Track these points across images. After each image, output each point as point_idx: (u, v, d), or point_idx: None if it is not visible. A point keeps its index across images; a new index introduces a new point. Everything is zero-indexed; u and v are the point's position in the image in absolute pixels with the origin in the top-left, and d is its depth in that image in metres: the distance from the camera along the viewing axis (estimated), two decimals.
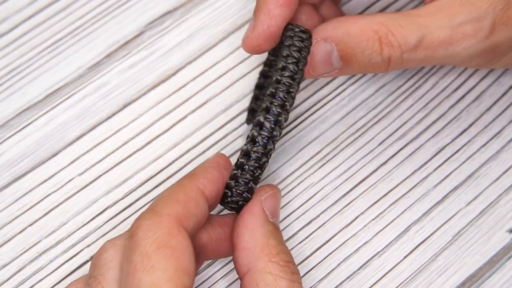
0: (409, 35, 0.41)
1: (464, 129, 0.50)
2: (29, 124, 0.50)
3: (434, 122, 0.50)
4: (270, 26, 0.43)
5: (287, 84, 0.41)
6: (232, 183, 0.41)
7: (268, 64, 0.48)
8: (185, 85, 0.51)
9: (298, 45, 0.42)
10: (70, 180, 0.48)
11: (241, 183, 0.41)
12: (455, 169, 0.48)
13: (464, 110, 0.50)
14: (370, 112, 0.50)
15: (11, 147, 0.49)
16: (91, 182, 0.48)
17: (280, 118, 0.41)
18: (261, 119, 0.40)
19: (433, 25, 0.41)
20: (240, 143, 0.49)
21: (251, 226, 0.40)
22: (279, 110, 0.40)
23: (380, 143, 0.49)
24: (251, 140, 0.41)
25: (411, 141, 0.49)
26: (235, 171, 0.41)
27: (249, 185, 0.41)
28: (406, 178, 0.48)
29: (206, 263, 0.46)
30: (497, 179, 0.48)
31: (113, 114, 0.50)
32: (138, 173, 0.49)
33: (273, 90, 0.41)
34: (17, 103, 0.51)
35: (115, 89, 0.51)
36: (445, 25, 0.41)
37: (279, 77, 0.41)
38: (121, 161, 0.49)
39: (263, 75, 0.48)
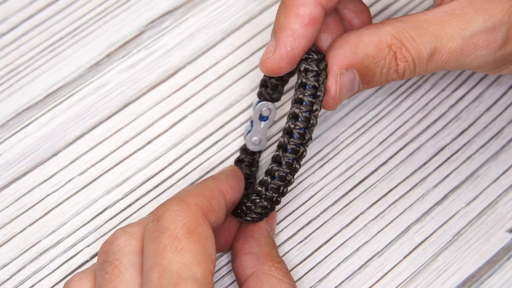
0: (421, 49, 0.40)
1: (464, 129, 0.50)
2: (29, 124, 0.50)
3: (433, 122, 0.50)
4: (294, 48, 0.40)
5: (300, 135, 0.41)
6: (268, 179, 0.41)
7: None
8: (185, 85, 0.51)
9: (312, 85, 0.40)
10: (70, 180, 0.48)
11: (271, 188, 0.42)
12: (454, 169, 0.48)
13: (463, 110, 0.50)
14: (370, 112, 0.50)
15: (11, 147, 0.49)
16: (91, 182, 0.48)
17: (296, 166, 0.41)
18: (280, 154, 0.41)
19: (445, 35, 0.40)
20: (240, 142, 0.49)
21: (257, 236, 0.43)
22: (287, 173, 0.41)
23: (380, 143, 0.49)
24: (275, 160, 0.41)
25: (411, 141, 0.49)
26: (260, 188, 0.42)
27: (281, 190, 0.42)
28: (406, 178, 0.48)
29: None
30: (497, 179, 0.48)
31: (113, 114, 0.50)
32: (138, 172, 0.49)
33: (286, 141, 0.41)
34: (17, 103, 0.51)
35: (115, 89, 0.51)
36: (457, 35, 0.40)
37: (292, 125, 0.40)
38: (121, 161, 0.49)
39: None
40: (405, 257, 0.46)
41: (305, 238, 0.47)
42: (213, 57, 0.52)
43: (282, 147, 0.41)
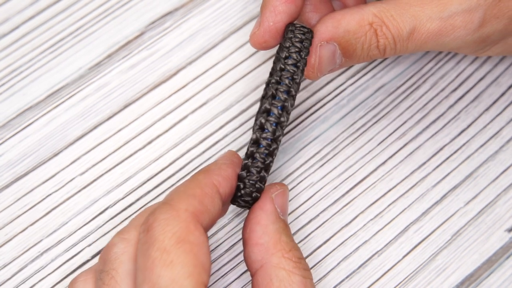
0: (401, 27, 0.42)
1: (463, 129, 0.50)
2: (30, 124, 0.50)
3: (433, 122, 0.50)
4: (275, 23, 0.43)
5: (288, 84, 0.41)
6: (244, 173, 0.41)
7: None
8: (185, 85, 0.51)
9: (298, 46, 0.42)
10: (71, 180, 0.49)
11: (253, 172, 0.41)
12: (454, 169, 0.49)
13: (462, 111, 0.50)
14: (369, 112, 0.50)
15: (12, 147, 0.50)
16: (92, 182, 0.49)
17: (286, 104, 0.41)
18: (267, 105, 0.41)
19: (424, 16, 0.42)
20: (240, 143, 0.49)
21: (263, 222, 0.40)
22: (285, 96, 0.41)
23: (380, 143, 0.49)
24: (260, 127, 0.41)
25: (410, 141, 0.49)
26: (246, 161, 0.41)
27: (261, 173, 0.41)
28: (405, 178, 0.48)
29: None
30: (496, 179, 0.48)
31: (114, 114, 0.51)
32: (138, 173, 0.49)
33: (274, 91, 0.41)
34: (18, 103, 0.51)
35: (116, 89, 0.51)
36: (435, 16, 0.42)
37: (279, 79, 0.42)
38: (122, 161, 0.49)
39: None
40: (404, 256, 0.46)
41: (305, 238, 0.47)
42: (213, 58, 0.52)
43: (270, 97, 0.41)
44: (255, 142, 0.41)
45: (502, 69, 0.51)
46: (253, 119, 0.50)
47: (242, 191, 0.41)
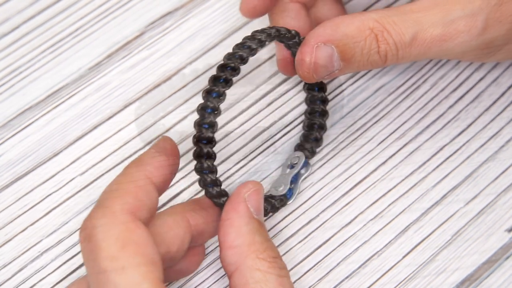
0: (403, 32, 0.42)
1: (463, 129, 0.50)
2: (30, 124, 0.50)
3: (433, 122, 0.50)
4: None
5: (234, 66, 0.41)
6: (197, 165, 0.41)
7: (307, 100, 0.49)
8: (185, 85, 0.51)
9: (260, 35, 0.42)
10: (71, 180, 0.49)
11: (200, 162, 0.41)
12: (453, 169, 0.49)
13: (462, 111, 0.50)
14: (369, 112, 0.50)
15: (12, 147, 0.50)
16: (92, 182, 0.49)
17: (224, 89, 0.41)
18: (209, 88, 0.41)
19: (426, 22, 0.42)
20: (240, 143, 0.49)
21: (236, 224, 0.40)
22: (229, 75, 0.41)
23: (380, 143, 0.49)
24: (201, 108, 0.41)
25: (410, 141, 0.49)
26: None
27: (204, 163, 0.41)
28: (405, 178, 0.48)
29: (211, 258, 0.46)
30: (496, 179, 0.48)
31: (114, 114, 0.51)
32: None
33: (220, 72, 0.41)
34: (18, 103, 0.51)
35: (115, 89, 0.51)
36: (438, 21, 0.42)
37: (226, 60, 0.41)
38: (122, 161, 0.49)
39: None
40: (404, 256, 0.46)
41: (305, 238, 0.47)
42: (213, 58, 0.52)
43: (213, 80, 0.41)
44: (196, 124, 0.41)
45: (502, 69, 0.51)
46: (254, 119, 0.50)
47: (205, 188, 0.41)
